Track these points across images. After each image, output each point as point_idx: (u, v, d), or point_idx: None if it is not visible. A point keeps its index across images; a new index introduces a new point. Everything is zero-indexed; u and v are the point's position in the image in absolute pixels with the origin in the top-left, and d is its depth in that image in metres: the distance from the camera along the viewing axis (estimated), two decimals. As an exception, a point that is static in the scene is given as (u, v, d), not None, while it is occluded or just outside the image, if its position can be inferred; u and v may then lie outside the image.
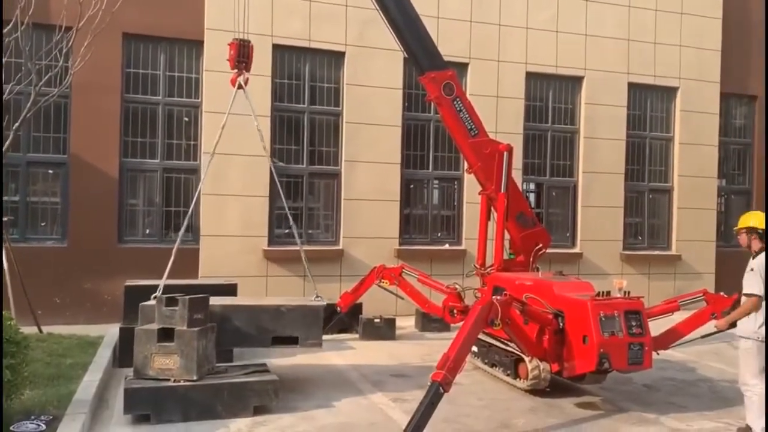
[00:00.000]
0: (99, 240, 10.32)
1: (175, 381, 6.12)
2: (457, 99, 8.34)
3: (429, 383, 5.57)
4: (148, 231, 10.96)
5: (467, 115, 8.40)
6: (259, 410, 6.34)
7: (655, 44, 13.46)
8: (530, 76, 12.67)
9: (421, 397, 6.91)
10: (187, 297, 6.27)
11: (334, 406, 6.75)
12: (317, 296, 7.24)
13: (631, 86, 13.37)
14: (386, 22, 8.21)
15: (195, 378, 6.14)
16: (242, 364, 6.92)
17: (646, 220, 13.80)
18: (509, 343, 7.50)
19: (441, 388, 5.50)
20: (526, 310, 6.51)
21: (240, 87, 7.65)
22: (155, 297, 7.09)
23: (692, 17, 13.69)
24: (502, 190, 8.42)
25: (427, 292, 9.53)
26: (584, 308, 6.47)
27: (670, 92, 13.76)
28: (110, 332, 9.24)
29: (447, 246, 12.18)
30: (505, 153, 8.45)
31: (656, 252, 13.72)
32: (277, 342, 6.42)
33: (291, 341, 6.26)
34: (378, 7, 8.21)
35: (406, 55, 8.41)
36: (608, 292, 6.71)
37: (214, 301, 7.24)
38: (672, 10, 13.55)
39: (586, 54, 12.98)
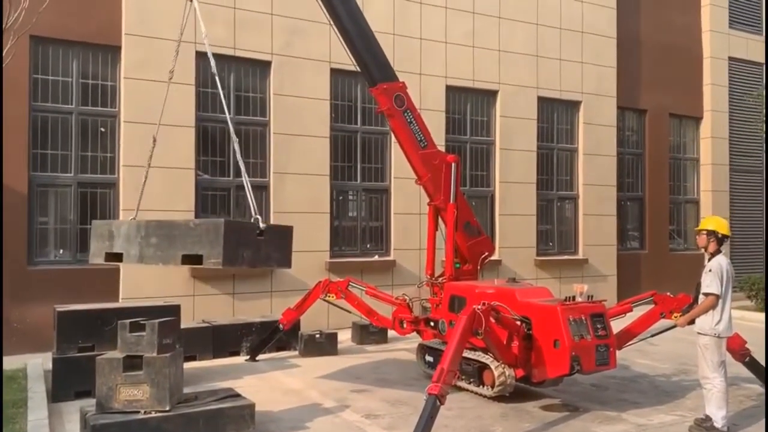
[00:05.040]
0: (6, 262, 9.31)
1: (145, 413, 5.64)
2: (408, 111, 8.36)
3: (425, 397, 5.51)
4: (61, 251, 10.06)
5: (417, 127, 8.44)
6: (234, 438, 5.99)
7: (560, 60, 14.25)
8: (450, 89, 12.98)
9: (391, 412, 6.96)
10: (156, 321, 5.80)
11: (309, 427, 6.50)
12: (255, 218, 6.14)
13: (540, 100, 14.05)
14: (337, 31, 8.10)
15: (167, 408, 5.68)
16: (210, 390, 6.49)
17: (555, 226, 14.52)
18: (470, 351, 7.58)
19: (438, 400, 5.46)
20: (501, 318, 6.61)
21: None
22: (133, 218, 6.79)
23: (591, 36, 14.65)
24: (451, 201, 8.53)
25: (373, 304, 9.41)
26: (554, 313, 6.67)
27: (574, 106, 14.61)
28: (31, 363, 8.42)
29: (376, 257, 12.15)
30: (453, 164, 8.60)
31: (565, 257, 14.46)
32: (186, 261, 5.94)
33: (196, 260, 5.79)
34: (329, 15, 8.09)
35: (357, 67, 8.30)
36: (573, 297, 6.97)
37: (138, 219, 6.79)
38: (574, 29, 14.43)
39: (500, 69, 13.50)
